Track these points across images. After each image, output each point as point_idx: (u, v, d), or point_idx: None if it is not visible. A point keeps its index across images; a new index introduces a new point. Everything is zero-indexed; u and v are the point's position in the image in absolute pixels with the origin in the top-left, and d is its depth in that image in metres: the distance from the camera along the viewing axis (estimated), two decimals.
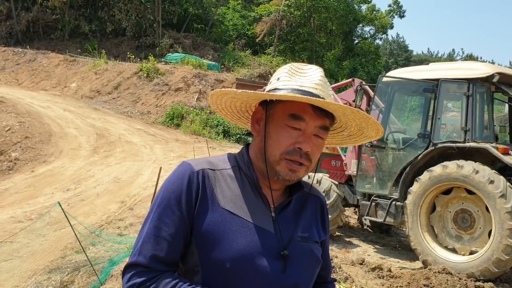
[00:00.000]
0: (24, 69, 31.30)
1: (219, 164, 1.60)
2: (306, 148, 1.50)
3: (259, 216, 1.53)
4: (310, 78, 1.55)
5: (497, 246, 6.10)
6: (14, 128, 16.97)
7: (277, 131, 1.53)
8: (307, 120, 1.50)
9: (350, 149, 8.35)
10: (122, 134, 18.86)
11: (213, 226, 1.46)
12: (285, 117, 1.51)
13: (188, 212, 1.48)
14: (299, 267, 1.53)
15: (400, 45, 74.94)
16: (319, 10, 38.30)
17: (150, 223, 1.50)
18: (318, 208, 1.74)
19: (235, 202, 1.52)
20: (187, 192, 1.49)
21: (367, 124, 1.61)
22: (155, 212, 1.51)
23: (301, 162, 1.52)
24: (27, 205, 10.02)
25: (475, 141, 6.70)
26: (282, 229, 1.55)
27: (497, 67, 7.38)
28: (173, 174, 1.56)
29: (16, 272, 6.41)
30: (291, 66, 1.61)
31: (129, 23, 38.39)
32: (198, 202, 1.49)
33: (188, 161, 1.59)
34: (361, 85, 8.40)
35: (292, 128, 1.51)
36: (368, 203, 7.70)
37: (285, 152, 1.51)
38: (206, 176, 1.53)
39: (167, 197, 1.50)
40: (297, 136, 1.51)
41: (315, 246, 1.62)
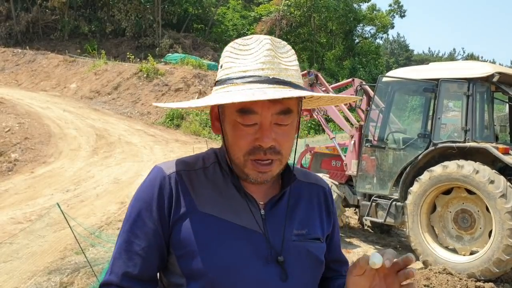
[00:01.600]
0: (23, 69, 31.32)
1: (196, 163, 1.42)
2: (267, 143, 1.29)
3: (244, 216, 1.34)
4: (255, 55, 1.30)
5: (498, 246, 6.09)
6: (14, 129, 16.97)
7: (232, 131, 1.33)
8: (259, 112, 1.28)
9: (350, 149, 8.34)
10: (122, 134, 18.86)
11: (192, 233, 1.30)
12: (235, 113, 1.30)
13: (162, 222, 1.33)
14: (297, 273, 1.35)
15: (401, 45, 74.99)
16: (319, 9, 38.30)
17: (121, 238, 1.36)
18: (321, 198, 1.55)
19: (216, 203, 1.35)
20: (158, 199, 1.33)
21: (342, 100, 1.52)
22: (125, 225, 1.36)
23: (269, 159, 1.31)
24: (27, 206, 10.00)
25: (475, 141, 6.68)
26: (273, 228, 1.36)
27: (497, 67, 7.36)
28: (143, 182, 1.40)
29: (15, 273, 6.39)
30: (233, 45, 1.36)
31: (128, 23, 38.42)
32: (172, 210, 1.33)
33: (159, 165, 1.41)
34: (361, 85, 8.39)
35: (245, 125, 1.30)
36: (369, 204, 7.69)
37: (246, 153, 1.31)
38: (179, 179, 1.36)
39: (137, 208, 1.35)
40: (254, 132, 1.30)
41: (313, 244, 1.42)
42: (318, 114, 9.32)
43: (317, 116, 9.41)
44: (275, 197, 1.41)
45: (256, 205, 1.37)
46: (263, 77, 1.27)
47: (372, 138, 7.70)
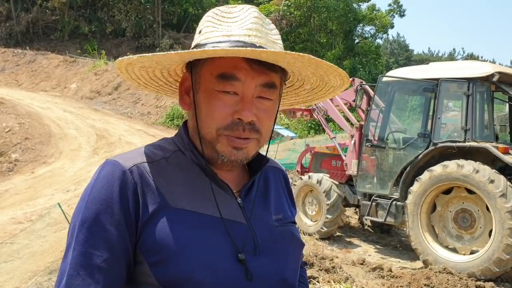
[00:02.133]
0: (24, 70, 31.34)
1: (155, 153, 1.22)
2: (247, 117, 1.14)
3: (223, 207, 1.19)
4: (241, 22, 1.17)
5: (498, 245, 6.09)
6: (14, 129, 16.98)
7: (208, 101, 1.16)
8: (242, 79, 1.14)
9: (351, 149, 8.35)
10: (122, 135, 18.88)
11: (167, 234, 1.10)
12: (213, 80, 1.15)
13: (128, 226, 1.10)
14: (284, 258, 1.25)
15: (401, 45, 75.00)
16: (319, 10, 38.29)
17: (75, 250, 1.08)
18: (282, 181, 1.45)
19: (188, 196, 1.17)
20: (121, 199, 1.10)
21: (325, 71, 1.24)
22: (79, 234, 1.09)
23: (246, 137, 1.16)
24: (27, 206, 10.02)
25: (475, 140, 6.69)
26: (254, 217, 1.23)
27: (497, 66, 7.37)
28: (95, 179, 1.14)
29: (16, 273, 6.40)
30: (215, 12, 1.23)
31: (129, 23, 38.42)
32: (140, 209, 1.11)
33: (112, 159, 1.18)
34: (361, 85, 8.40)
35: (224, 92, 1.14)
36: (369, 203, 7.69)
37: (222, 126, 1.15)
38: (143, 172, 1.15)
39: (93, 211, 1.09)
40: (234, 104, 1.15)
41: (294, 228, 1.35)
42: (318, 114, 9.33)
43: (317, 116, 9.42)
44: (248, 184, 1.28)
45: (231, 194, 1.23)
46: (248, 43, 1.13)
47: (372, 138, 7.71)
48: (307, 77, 1.31)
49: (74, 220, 1.13)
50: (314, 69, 1.23)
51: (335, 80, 1.29)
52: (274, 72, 1.18)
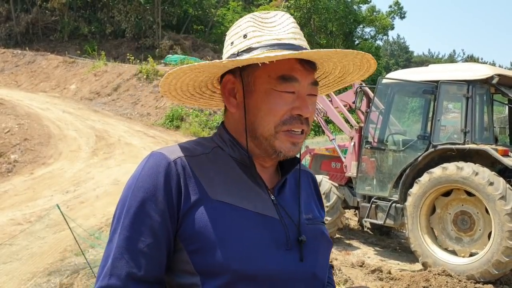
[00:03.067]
0: (23, 70, 31.32)
1: (196, 149, 1.30)
2: (306, 113, 1.26)
3: (258, 202, 1.26)
4: (282, 27, 1.29)
5: (497, 248, 6.09)
6: (13, 130, 16.97)
7: (267, 100, 1.24)
8: (299, 80, 1.25)
9: (350, 151, 8.35)
10: (121, 136, 18.86)
11: (207, 224, 1.17)
12: (273, 81, 1.24)
13: (170, 214, 1.17)
14: (315, 254, 1.31)
15: (401, 46, 75.10)
16: (319, 11, 38.35)
17: (121, 235, 1.17)
18: (311, 184, 1.52)
19: (227, 189, 1.24)
20: (166, 188, 1.18)
21: (359, 64, 1.37)
22: (124, 220, 1.18)
23: (303, 130, 1.28)
24: (27, 207, 10.01)
25: (474, 142, 6.69)
26: (286, 213, 1.29)
27: (496, 69, 7.38)
28: (142, 169, 1.22)
29: (15, 275, 6.40)
30: (253, 17, 1.31)
31: (128, 24, 38.41)
32: (182, 199, 1.19)
33: (158, 151, 1.27)
34: (361, 87, 8.39)
35: (286, 92, 1.24)
36: (368, 205, 7.69)
37: (281, 122, 1.24)
38: (186, 164, 1.23)
39: (139, 199, 1.17)
40: (292, 101, 1.25)
41: (324, 227, 1.43)
42: (318, 116, 9.32)
43: (317, 117, 9.41)
44: (280, 182, 1.35)
45: (265, 190, 1.30)
46: (297, 46, 1.26)
47: (372, 140, 7.71)
48: (332, 72, 1.43)
49: (120, 206, 1.21)
50: (346, 62, 1.35)
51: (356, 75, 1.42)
52: (315, 70, 1.31)
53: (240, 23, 1.31)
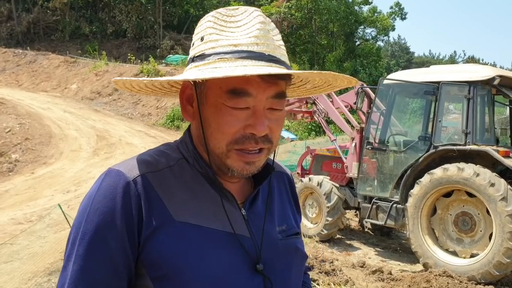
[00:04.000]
0: (24, 70, 31.36)
1: (159, 161, 1.16)
2: (261, 131, 1.10)
3: (227, 219, 1.15)
4: (246, 28, 1.11)
5: (498, 249, 6.09)
6: (14, 129, 16.98)
7: (217, 116, 1.11)
8: (254, 94, 1.08)
9: (351, 152, 8.34)
10: (122, 135, 18.88)
11: (170, 249, 1.06)
12: (223, 95, 1.09)
13: (130, 240, 1.06)
14: (288, 273, 1.22)
15: (402, 47, 75.08)
16: (320, 11, 38.32)
17: (75, 264, 1.05)
18: (287, 186, 1.40)
19: (192, 208, 1.12)
20: (124, 212, 1.06)
21: (335, 79, 1.20)
22: (79, 247, 1.05)
23: (260, 148, 1.13)
24: (27, 207, 10.02)
25: (476, 143, 6.69)
26: (258, 229, 1.19)
27: (498, 70, 7.37)
28: (97, 189, 1.09)
29: (16, 274, 6.40)
30: (215, 16, 1.14)
31: (129, 24, 38.47)
32: (144, 223, 1.07)
33: (115, 168, 1.13)
34: (362, 87, 8.39)
35: (236, 109, 1.09)
36: (369, 206, 7.69)
37: (233, 141, 1.10)
38: (147, 183, 1.10)
39: (94, 224, 1.05)
40: (245, 118, 1.10)
41: (298, 240, 1.30)
42: (319, 116, 9.33)
43: (318, 118, 9.42)
44: (252, 194, 1.23)
45: (236, 205, 1.18)
46: (257, 53, 1.08)
47: (373, 141, 7.70)
48: (313, 80, 1.28)
49: (75, 231, 1.08)
50: (324, 77, 1.20)
51: (341, 82, 1.25)
52: (283, 80, 1.14)
53: (202, 22, 1.17)
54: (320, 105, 9.13)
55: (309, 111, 9.70)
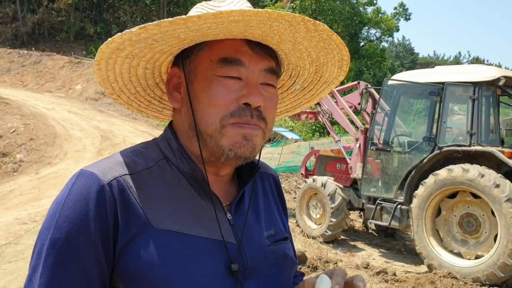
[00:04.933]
0: (29, 71, 31.49)
1: (137, 162, 1.06)
2: (256, 101, 1.03)
3: (211, 224, 1.06)
4: (231, 5, 1.09)
5: (503, 250, 6.06)
6: (19, 130, 17.04)
7: (208, 89, 1.04)
8: (246, 64, 1.05)
9: (356, 152, 8.33)
10: (126, 136, 18.92)
11: (149, 259, 0.97)
12: (214, 66, 1.04)
13: (105, 248, 0.96)
14: (275, 281, 1.14)
15: (406, 48, 75.00)
16: (324, 12, 38.34)
17: (43, 276, 0.94)
18: (273, 187, 1.32)
19: (174, 214, 1.03)
20: (98, 218, 0.96)
21: (327, 49, 1.11)
22: (48, 257, 0.95)
23: (255, 123, 1.05)
24: (32, 207, 10.04)
25: (480, 144, 6.66)
26: (245, 234, 1.11)
27: (503, 71, 7.34)
28: (67, 193, 0.99)
29: (20, 274, 6.41)
30: (202, 4, 1.12)
31: (134, 25, 38.33)
32: (120, 230, 0.97)
33: (88, 169, 1.02)
34: (366, 88, 8.38)
35: (228, 78, 1.04)
36: (373, 207, 7.67)
37: (227, 114, 1.03)
38: (123, 186, 1.00)
39: (64, 232, 0.95)
40: (238, 89, 1.04)
41: (286, 245, 1.22)
42: (323, 117, 9.32)
43: (322, 118, 9.41)
44: (238, 196, 1.15)
45: (221, 209, 1.10)
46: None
47: (377, 141, 7.69)
48: (304, 68, 1.20)
49: (41, 238, 0.97)
50: (315, 43, 1.10)
51: (330, 71, 1.18)
52: (273, 59, 1.10)
53: (191, 10, 1.14)
54: (324, 106, 9.12)
55: (313, 111, 9.69)
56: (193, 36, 1.02)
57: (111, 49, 1.06)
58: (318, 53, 1.13)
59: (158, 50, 1.08)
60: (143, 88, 1.21)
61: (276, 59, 1.12)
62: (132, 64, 1.11)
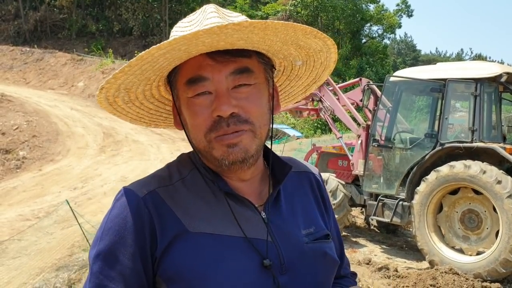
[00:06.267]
0: (31, 68, 31.52)
1: (172, 174, 1.18)
2: (225, 111, 1.07)
3: (246, 224, 1.12)
4: (200, 22, 1.11)
5: (505, 246, 6.07)
6: (22, 127, 17.08)
7: (188, 112, 1.12)
8: (210, 77, 1.08)
9: (357, 149, 8.34)
10: (129, 133, 18.94)
11: (188, 261, 1.06)
12: (185, 88, 1.10)
13: (143, 256, 1.07)
14: (313, 279, 1.17)
15: (408, 45, 74.78)
16: (326, 9, 38.25)
17: (90, 283, 1.08)
18: (314, 186, 1.34)
19: (207, 217, 1.11)
20: (136, 229, 1.07)
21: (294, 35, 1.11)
22: (93, 266, 1.09)
23: (234, 131, 1.08)
24: (35, 204, 10.09)
25: (482, 141, 6.67)
26: (280, 233, 1.16)
27: (505, 67, 7.34)
28: (111, 210, 1.13)
29: (24, 269, 6.46)
30: (177, 25, 1.17)
31: (136, 22, 38.54)
32: (157, 239, 1.08)
33: (127, 187, 1.14)
34: (368, 85, 8.38)
35: (198, 96, 1.09)
36: (375, 203, 7.68)
37: (207, 130, 1.09)
38: (157, 199, 1.11)
39: (107, 243, 1.08)
40: (210, 103, 1.09)
41: (327, 244, 1.24)
42: (325, 114, 9.32)
43: (324, 115, 9.41)
44: (272, 195, 1.19)
45: (254, 209, 1.15)
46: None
47: (379, 138, 7.69)
48: (287, 52, 1.20)
49: (91, 250, 1.12)
50: (276, 37, 1.10)
51: (313, 42, 1.15)
52: (245, 57, 1.10)
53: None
54: (326, 103, 9.12)
55: (315, 108, 9.69)
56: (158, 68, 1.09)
57: (105, 99, 1.18)
58: (284, 37, 1.12)
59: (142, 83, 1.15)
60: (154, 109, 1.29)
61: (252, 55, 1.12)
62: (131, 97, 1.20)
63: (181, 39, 0.98)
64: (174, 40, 0.98)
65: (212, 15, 1.10)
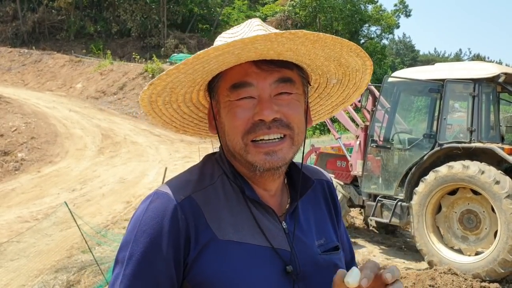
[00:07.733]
0: (30, 69, 31.49)
1: (202, 179, 1.18)
2: (268, 115, 1.11)
3: (269, 233, 1.16)
4: (245, 33, 1.16)
5: (503, 246, 6.08)
6: (20, 128, 17.07)
7: (228, 114, 1.15)
8: (254, 83, 1.13)
9: (356, 150, 8.34)
10: (127, 134, 18.93)
11: (217, 269, 1.09)
12: (228, 93, 1.15)
13: (176, 262, 1.09)
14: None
15: (407, 45, 74.82)
16: (324, 10, 38.29)
17: (121, 284, 1.09)
18: (326, 193, 1.37)
19: (234, 225, 1.14)
20: (171, 235, 1.08)
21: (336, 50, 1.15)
22: (126, 267, 1.09)
23: (275, 134, 1.13)
24: (33, 205, 10.08)
25: (481, 141, 6.68)
26: (298, 243, 1.20)
27: (503, 67, 7.35)
28: (145, 211, 1.12)
29: (22, 271, 6.44)
30: (221, 35, 1.24)
31: (134, 23, 38.53)
32: (191, 245, 1.09)
33: (162, 190, 1.15)
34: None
35: (241, 99, 1.13)
36: (374, 204, 7.69)
37: (245, 132, 1.13)
38: (193, 205, 1.12)
39: (141, 246, 1.08)
40: (252, 108, 1.13)
41: (337, 256, 1.28)
42: None
43: None
44: (292, 207, 1.23)
45: (276, 218, 1.19)
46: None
47: (377, 139, 7.70)
48: (327, 69, 1.25)
49: (123, 251, 1.12)
50: (322, 51, 1.15)
51: (353, 61, 1.21)
52: (288, 68, 1.16)
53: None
54: None
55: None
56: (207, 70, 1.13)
57: (148, 100, 1.22)
58: (329, 52, 1.17)
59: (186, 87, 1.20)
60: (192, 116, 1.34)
61: (293, 67, 1.17)
62: (173, 104, 1.26)
63: (239, 42, 1.02)
64: (233, 42, 1.02)
65: (258, 27, 1.16)
